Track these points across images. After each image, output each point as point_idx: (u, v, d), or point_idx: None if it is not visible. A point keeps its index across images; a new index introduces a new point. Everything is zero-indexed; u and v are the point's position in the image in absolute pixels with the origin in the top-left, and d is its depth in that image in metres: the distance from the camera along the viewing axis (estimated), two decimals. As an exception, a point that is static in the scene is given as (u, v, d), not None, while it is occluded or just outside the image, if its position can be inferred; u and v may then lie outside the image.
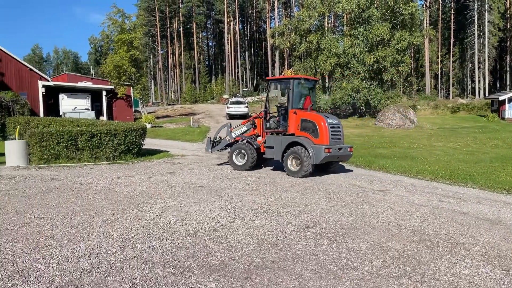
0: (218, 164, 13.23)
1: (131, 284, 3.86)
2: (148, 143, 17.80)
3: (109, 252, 4.77)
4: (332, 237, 5.50)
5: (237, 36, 75.95)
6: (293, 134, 11.08)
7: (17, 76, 29.30)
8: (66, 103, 32.79)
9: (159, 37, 79.31)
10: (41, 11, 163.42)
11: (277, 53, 56.33)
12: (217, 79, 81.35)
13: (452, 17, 69.03)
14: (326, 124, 10.68)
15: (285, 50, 58.29)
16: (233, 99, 39.25)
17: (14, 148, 12.65)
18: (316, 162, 10.48)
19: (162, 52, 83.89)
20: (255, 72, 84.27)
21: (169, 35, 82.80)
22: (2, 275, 4.09)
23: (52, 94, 33.29)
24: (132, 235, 5.45)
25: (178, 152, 17.55)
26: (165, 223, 6.06)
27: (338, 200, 7.92)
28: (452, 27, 69.10)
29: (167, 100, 78.22)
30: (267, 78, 13.95)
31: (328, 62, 34.51)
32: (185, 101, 70.74)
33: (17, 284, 3.89)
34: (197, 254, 4.72)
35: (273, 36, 47.79)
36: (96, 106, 35.38)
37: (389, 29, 33.27)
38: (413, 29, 35.39)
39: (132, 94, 37.90)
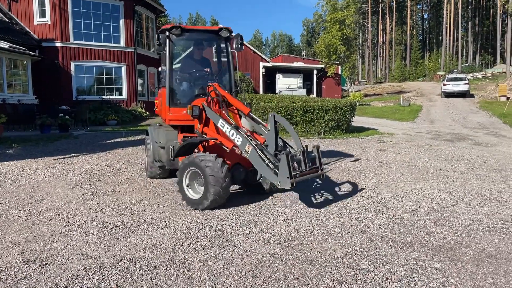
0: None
1: (351, 249, 3.97)
2: (356, 120, 17.82)
3: (327, 217, 5.02)
4: None
5: (459, 5, 67.23)
6: None
7: (244, 58, 33.44)
8: (281, 82, 35.84)
9: (369, 14, 77.42)
10: (261, 1, 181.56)
11: (509, 21, 47.52)
12: (431, 55, 74.62)
13: None
14: None
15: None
16: (451, 75, 35.31)
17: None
18: None
19: (371, 29, 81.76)
20: (478, 45, 73.56)
21: (380, 11, 79.93)
22: (240, 223, 4.80)
23: (269, 74, 36.85)
24: (348, 205, 5.59)
25: (387, 130, 17.04)
26: (379, 197, 5.98)
27: None
28: None
29: (374, 79, 76.38)
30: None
31: None
32: (393, 79, 67.59)
33: (253, 232, 4.50)
34: (416, 232, 4.50)
35: (506, 2, 40.56)
36: (307, 85, 37.50)
37: None
38: None
39: (340, 73, 38.56)
